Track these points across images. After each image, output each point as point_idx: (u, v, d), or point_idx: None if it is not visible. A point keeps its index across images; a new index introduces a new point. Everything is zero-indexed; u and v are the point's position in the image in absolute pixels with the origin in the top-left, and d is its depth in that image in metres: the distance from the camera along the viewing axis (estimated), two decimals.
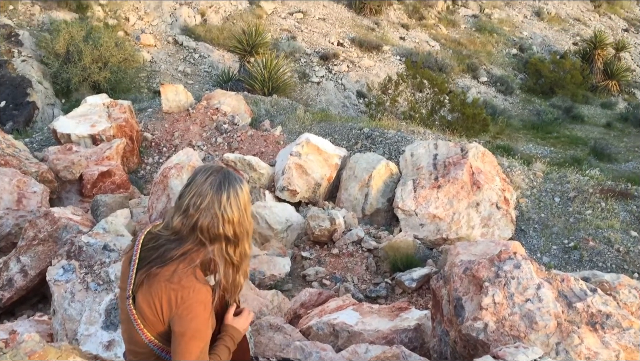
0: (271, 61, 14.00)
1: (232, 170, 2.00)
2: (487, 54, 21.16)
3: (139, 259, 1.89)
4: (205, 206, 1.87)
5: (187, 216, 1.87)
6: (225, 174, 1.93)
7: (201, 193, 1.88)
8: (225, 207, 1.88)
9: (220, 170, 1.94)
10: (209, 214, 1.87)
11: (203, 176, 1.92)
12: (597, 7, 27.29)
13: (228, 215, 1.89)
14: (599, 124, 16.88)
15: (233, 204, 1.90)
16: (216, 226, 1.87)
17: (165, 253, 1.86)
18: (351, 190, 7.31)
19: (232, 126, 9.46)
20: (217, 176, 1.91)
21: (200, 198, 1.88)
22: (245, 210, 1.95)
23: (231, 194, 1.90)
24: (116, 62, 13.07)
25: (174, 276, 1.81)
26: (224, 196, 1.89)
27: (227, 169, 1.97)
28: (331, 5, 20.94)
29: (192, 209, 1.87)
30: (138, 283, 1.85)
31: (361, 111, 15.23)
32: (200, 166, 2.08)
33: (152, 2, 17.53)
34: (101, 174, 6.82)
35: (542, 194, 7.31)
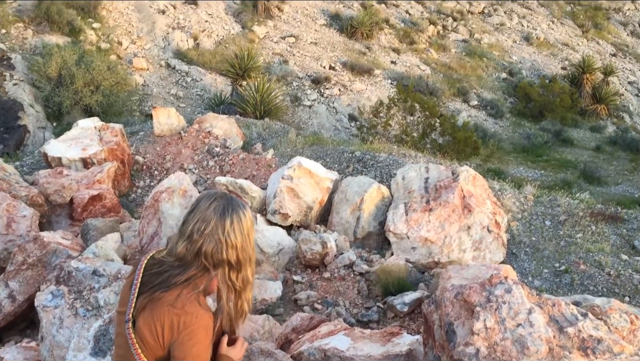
0: (263, 85, 14.08)
1: (235, 196, 2.03)
2: (477, 78, 21.40)
3: (140, 284, 1.90)
4: (209, 231, 1.89)
5: (192, 242, 1.89)
6: (228, 200, 1.96)
7: (205, 218, 1.91)
8: (229, 232, 1.91)
9: (223, 196, 1.98)
10: (213, 240, 1.89)
11: (207, 202, 1.95)
12: (585, 32, 27.73)
13: (232, 240, 1.91)
14: (588, 147, 17.04)
15: (236, 229, 1.92)
16: (220, 251, 1.90)
17: (169, 278, 1.87)
18: (343, 213, 7.30)
19: (224, 149, 9.47)
20: (220, 202, 1.94)
21: (205, 224, 1.90)
22: (248, 236, 1.97)
23: (234, 220, 1.93)
24: (108, 85, 13.10)
25: (177, 301, 1.83)
26: (227, 222, 1.91)
27: (230, 195, 2.01)
28: (323, 30, 21.17)
29: (197, 234, 1.89)
30: (140, 307, 1.86)
31: (353, 134, 15.30)
32: (203, 192, 2.13)
33: (145, 26, 17.66)
34: (92, 198, 6.79)
35: (532, 217, 7.34)
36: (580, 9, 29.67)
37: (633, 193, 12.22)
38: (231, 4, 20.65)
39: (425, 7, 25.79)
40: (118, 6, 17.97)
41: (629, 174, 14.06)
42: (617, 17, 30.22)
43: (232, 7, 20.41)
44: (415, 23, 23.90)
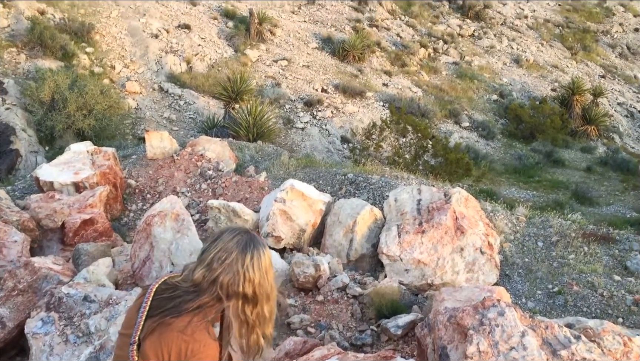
0: (256, 107, 14.14)
1: (256, 234, 2.09)
2: (469, 99, 21.58)
3: (150, 307, 1.91)
4: (229, 262, 1.94)
5: (211, 270, 1.93)
6: (251, 236, 2.02)
7: (227, 249, 1.96)
8: (248, 266, 1.95)
9: (247, 232, 2.04)
10: (231, 271, 1.94)
11: (230, 234, 2.00)
12: (574, 54, 28.09)
13: (250, 275, 1.95)
14: (579, 168, 17.15)
15: (255, 265, 1.97)
16: (237, 283, 1.94)
17: (181, 304, 1.89)
18: (336, 236, 7.30)
19: (217, 172, 9.47)
20: (243, 237, 2.00)
21: (226, 254, 1.95)
22: (266, 273, 2.02)
23: (255, 256, 1.98)
24: (101, 109, 13.12)
25: (187, 328, 1.85)
26: (248, 256, 1.96)
27: (253, 233, 2.06)
28: (315, 53, 21.35)
29: (217, 263, 1.93)
30: (148, 330, 1.87)
31: (345, 156, 15.35)
32: (227, 226, 2.19)
33: (138, 50, 17.75)
34: (83, 222, 6.76)
35: (525, 238, 7.36)
36: (568, 32, 30.09)
37: (624, 213, 12.28)
38: (224, 27, 20.81)
39: (416, 30, 26.08)
40: (111, 31, 18.08)
41: (620, 194, 14.14)
42: (605, 40, 30.64)
43: (224, 31, 20.57)
44: (406, 46, 24.15)
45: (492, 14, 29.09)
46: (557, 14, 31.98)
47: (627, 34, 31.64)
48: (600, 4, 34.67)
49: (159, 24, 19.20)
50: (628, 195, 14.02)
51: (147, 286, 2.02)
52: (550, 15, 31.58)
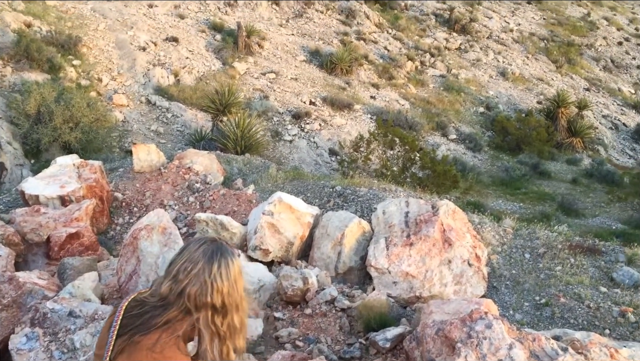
0: (244, 120, 14.15)
1: (225, 243, 2.03)
2: (456, 112, 21.74)
3: (120, 326, 1.86)
4: (195, 272, 1.89)
5: (177, 281, 1.89)
6: (218, 245, 1.97)
7: (193, 259, 1.91)
8: (216, 276, 1.90)
9: (214, 241, 1.99)
10: (198, 281, 1.88)
11: (196, 244, 1.96)
12: (559, 67, 28.43)
13: (217, 284, 1.90)
14: (565, 180, 17.30)
15: (223, 274, 1.92)
16: (204, 294, 1.89)
17: (149, 320, 1.85)
18: (324, 249, 7.28)
19: (204, 185, 9.44)
20: (210, 246, 1.95)
21: (192, 264, 1.90)
22: (235, 282, 1.96)
23: (222, 265, 1.92)
24: (88, 122, 13.05)
25: (156, 345, 1.80)
26: (215, 265, 1.91)
27: (221, 242, 2.01)
28: (303, 66, 21.43)
29: (182, 274, 1.89)
30: (117, 350, 1.82)
31: (333, 169, 15.37)
32: (194, 237, 2.14)
33: (126, 63, 17.73)
34: (69, 236, 6.69)
35: (512, 250, 7.39)
36: (553, 45, 30.47)
37: (610, 224, 12.39)
38: (212, 40, 20.85)
39: (404, 44, 26.29)
40: (98, 43, 18.05)
41: (606, 206, 14.28)
42: (590, 53, 31.06)
43: (212, 44, 20.61)
44: (393, 59, 24.33)
45: (478, 28, 29.41)
46: (542, 28, 32.39)
47: (611, 47, 32.11)
48: (585, 17, 35.18)
49: (147, 36, 19.20)
50: (613, 207, 14.15)
51: (117, 305, 1.98)
52: (535, 29, 31.98)
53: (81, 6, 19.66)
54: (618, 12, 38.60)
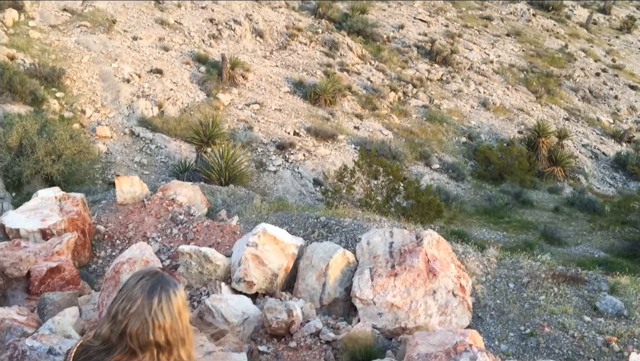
0: (228, 151, 14.17)
1: (167, 274, 1.93)
2: (438, 142, 21.96)
3: None
4: (134, 310, 1.78)
5: (116, 323, 1.79)
6: (159, 278, 1.86)
7: (131, 297, 1.80)
8: (157, 312, 1.80)
9: (154, 274, 1.88)
10: (138, 320, 1.78)
11: (135, 279, 1.85)
12: (538, 98, 28.92)
13: (159, 320, 1.80)
14: (547, 208, 17.46)
15: (165, 309, 1.81)
16: (146, 332, 1.79)
17: None
18: (309, 280, 7.25)
19: (188, 217, 9.38)
20: (149, 280, 1.84)
21: (130, 303, 1.79)
22: (179, 316, 1.86)
23: (163, 299, 1.82)
24: (70, 154, 12.97)
25: None
26: (155, 300, 1.81)
27: (161, 273, 1.90)
28: (287, 97, 21.59)
29: (121, 314, 1.79)
30: None
31: (318, 199, 15.38)
32: (142, 269, 2.03)
33: (110, 94, 17.74)
34: (50, 270, 6.59)
35: (496, 280, 7.41)
36: (533, 76, 31.03)
37: (592, 253, 12.49)
38: (196, 72, 20.97)
39: (386, 75, 26.62)
40: (82, 75, 18.07)
41: (588, 234, 14.40)
42: (568, 84, 31.67)
43: (197, 76, 20.72)
44: (376, 90, 24.60)
45: (459, 59, 29.92)
46: (521, 59, 33.04)
47: (589, 78, 32.78)
48: (563, 49, 35.97)
49: (131, 68, 19.26)
50: (595, 235, 14.28)
51: (68, 351, 1.89)
52: (514, 60, 32.61)
53: (65, 39, 19.72)
54: (595, 44, 39.54)
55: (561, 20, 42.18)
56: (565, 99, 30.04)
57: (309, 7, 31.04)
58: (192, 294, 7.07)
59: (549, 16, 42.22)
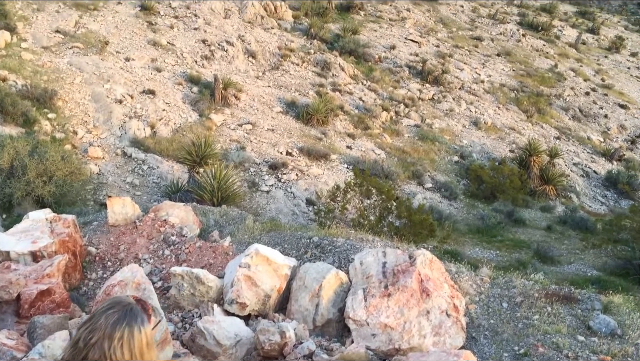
0: (220, 171, 14.15)
1: (139, 307, 1.83)
2: (431, 161, 22.05)
3: None
4: (94, 342, 1.71)
5: (77, 349, 1.73)
6: (127, 311, 1.77)
7: (95, 327, 1.72)
8: (115, 348, 1.72)
9: (124, 306, 1.79)
10: (97, 352, 1.71)
11: (103, 308, 1.77)
12: (529, 117, 29.16)
13: (117, 357, 1.72)
14: (540, 227, 17.50)
15: (125, 346, 1.73)
16: None
17: None
18: (301, 301, 7.21)
19: (180, 238, 9.33)
20: (116, 312, 1.76)
21: (92, 333, 1.72)
22: (140, 356, 1.76)
23: (125, 335, 1.74)
24: (62, 175, 12.92)
25: None
26: (116, 336, 1.73)
27: (132, 307, 1.80)
28: (279, 117, 21.66)
29: (82, 342, 1.72)
30: None
31: (311, 219, 15.36)
32: (114, 297, 1.94)
33: (102, 115, 17.74)
34: (40, 293, 6.51)
35: (490, 299, 7.39)
36: (523, 96, 31.32)
37: (585, 271, 12.50)
38: (188, 93, 21.03)
39: (378, 95, 26.79)
40: (74, 96, 18.08)
41: (580, 253, 14.43)
42: (559, 103, 31.97)
43: (189, 96, 20.78)
44: (368, 109, 24.73)
45: (450, 79, 30.17)
46: (511, 79, 33.36)
47: (579, 97, 33.10)
48: (552, 69, 36.37)
49: (123, 89, 19.29)
50: (588, 253, 14.31)
51: None
52: (505, 80, 32.92)
53: (58, 60, 19.76)
54: (584, 64, 40.00)
55: (550, 41, 42.70)
56: (556, 118, 30.30)
57: (301, 28, 31.30)
58: (184, 316, 7.01)
59: (538, 36, 42.75)
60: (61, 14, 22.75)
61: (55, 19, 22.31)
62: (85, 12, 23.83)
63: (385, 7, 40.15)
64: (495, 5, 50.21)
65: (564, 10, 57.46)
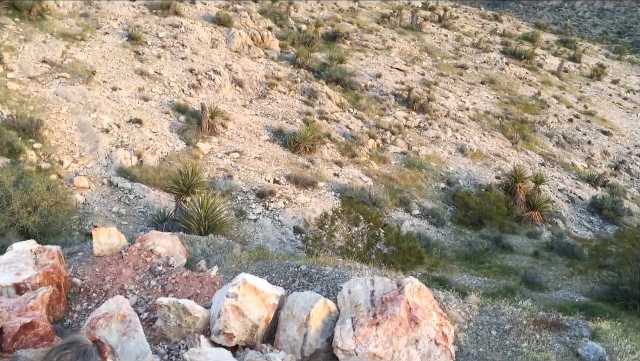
0: (207, 200, 14.10)
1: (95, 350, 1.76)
2: (418, 188, 22.14)
3: None
4: None
5: None
6: (81, 353, 1.72)
7: None
8: None
9: (81, 346, 1.74)
10: None
11: (60, 347, 1.73)
12: (514, 143, 29.49)
13: None
14: (527, 253, 17.56)
15: None
16: None
17: None
18: (290, 331, 7.14)
19: (167, 268, 9.24)
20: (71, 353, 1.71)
21: None
22: None
23: None
24: (47, 206, 12.80)
25: None
26: None
27: (87, 348, 1.74)
28: (267, 145, 21.72)
29: None
30: None
31: (299, 247, 15.30)
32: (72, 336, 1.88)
33: (88, 145, 17.67)
34: (23, 326, 6.40)
35: (478, 327, 7.37)
36: (508, 123, 31.71)
37: (573, 297, 12.52)
38: (175, 121, 21.05)
39: (365, 122, 27.00)
40: (61, 126, 18.02)
41: (567, 278, 14.47)
42: (543, 130, 32.38)
43: (176, 125, 20.80)
44: (355, 137, 24.89)
45: (436, 107, 30.51)
46: (496, 106, 33.80)
47: (562, 124, 33.57)
48: (536, 96, 36.91)
49: (110, 119, 19.28)
50: (575, 279, 14.35)
51: None
52: (489, 107, 33.34)
53: (44, 90, 19.74)
54: (567, 91, 40.67)
55: (533, 69, 43.45)
56: (540, 144, 30.66)
57: (288, 57, 31.60)
58: (170, 348, 6.91)
59: (521, 64, 43.49)
60: (48, 44, 22.81)
61: (42, 49, 22.36)
62: (72, 42, 23.92)
63: (371, 37, 40.72)
64: (479, 34, 51.13)
65: (545, 39, 58.65)
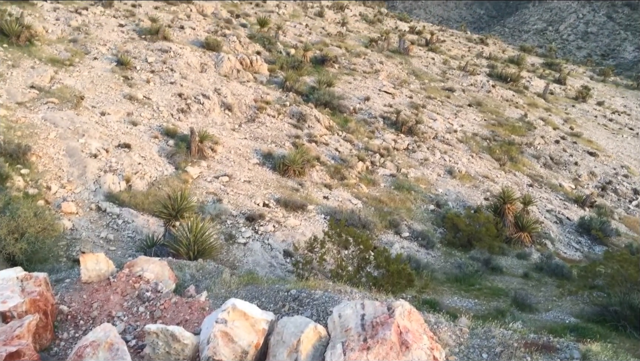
0: (196, 224, 14.04)
1: None
2: (407, 210, 22.18)
3: None
4: None
5: None
6: None
7: None
8: None
9: None
10: None
11: None
12: (502, 165, 29.71)
13: None
14: (516, 274, 17.57)
15: None
16: None
17: None
18: (280, 356, 7.07)
19: (156, 294, 9.16)
20: None
21: None
22: None
23: None
24: (34, 232, 12.68)
25: None
26: None
27: None
28: (256, 169, 21.73)
29: None
30: None
31: (289, 271, 15.23)
32: None
33: (76, 170, 17.59)
34: (9, 355, 6.30)
35: (469, 350, 7.34)
36: (495, 144, 31.99)
37: (563, 318, 12.51)
38: (164, 146, 21.04)
39: (354, 145, 27.12)
40: (48, 151, 17.95)
41: (557, 299, 14.48)
42: (530, 151, 32.66)
43: (165, 149, 20.78)
44: (344, 160, 24.98)
45: (424, 129, 30.73)
46: (483, 128, 34.11)
47: (549, 146, 33.89)
48: (522, 118, 37.31)
49: (99, 144, 19.24)
50: (565, 300, 14.36)
51: None
52: (477, 129, 33.64)
53: (32, 115, 19.70)
54: (553, 113, 41.15)
55: (519, 91, 44.00)
56: (528, 166, 30.90)
57: (277, 81, 31.80)
58: None
59: (507, 87, 44.04)
60: (37, 70, 22.82)
61: (31, 74, 22.37)
62: (61, 67, 23.95)
63: (359, 60, 41.13)
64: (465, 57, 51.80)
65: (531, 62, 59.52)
